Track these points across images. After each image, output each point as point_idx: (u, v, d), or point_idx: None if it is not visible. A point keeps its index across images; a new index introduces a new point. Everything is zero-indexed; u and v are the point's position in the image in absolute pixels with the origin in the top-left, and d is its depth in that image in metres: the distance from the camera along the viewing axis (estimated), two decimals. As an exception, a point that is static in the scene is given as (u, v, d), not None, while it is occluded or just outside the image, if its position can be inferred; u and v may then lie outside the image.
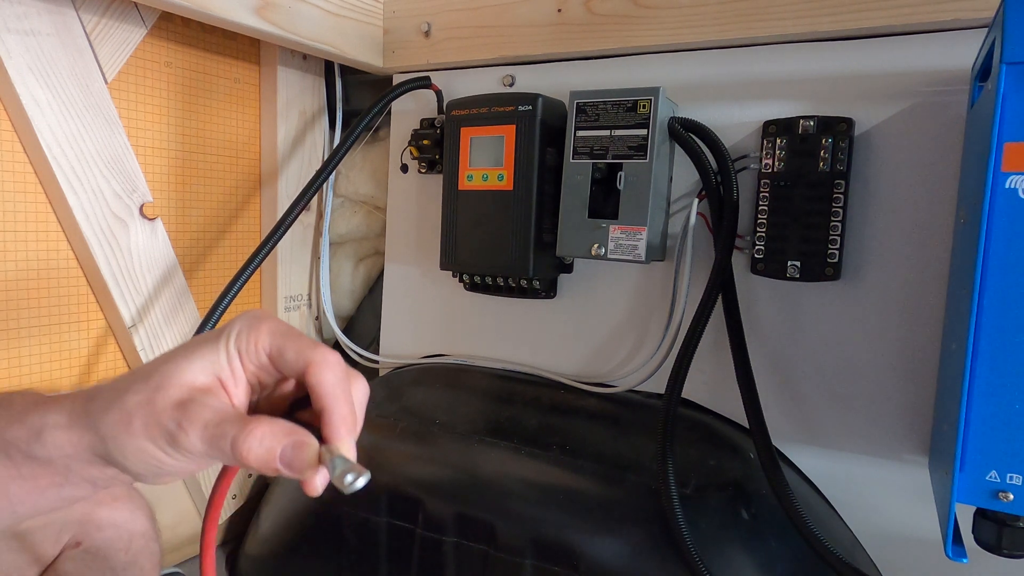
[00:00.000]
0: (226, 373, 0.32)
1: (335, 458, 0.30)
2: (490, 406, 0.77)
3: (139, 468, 0.31)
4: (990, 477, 0.43)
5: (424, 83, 0.84)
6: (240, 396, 0.33)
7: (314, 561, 0.75)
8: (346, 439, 0.31)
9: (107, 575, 0.51)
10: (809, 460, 0.68)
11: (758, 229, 0.65)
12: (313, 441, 0.31)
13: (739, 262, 0.68)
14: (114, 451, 0.31)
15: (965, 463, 0.43)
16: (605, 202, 0.69)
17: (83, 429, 0.31)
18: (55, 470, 0.32)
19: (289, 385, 0.35)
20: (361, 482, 0.30)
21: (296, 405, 0.34)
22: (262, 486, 0.96)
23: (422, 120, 0.86)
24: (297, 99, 0.92)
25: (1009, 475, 0.42)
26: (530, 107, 0.72)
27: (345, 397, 0.32)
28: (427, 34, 0.85)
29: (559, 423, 0.73)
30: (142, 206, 0.77)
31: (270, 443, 0.30)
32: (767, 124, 0.66)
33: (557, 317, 0.81)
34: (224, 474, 0.35)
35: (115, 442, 0.30)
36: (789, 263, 0.64)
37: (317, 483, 0.31)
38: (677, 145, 0.69)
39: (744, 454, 0.67)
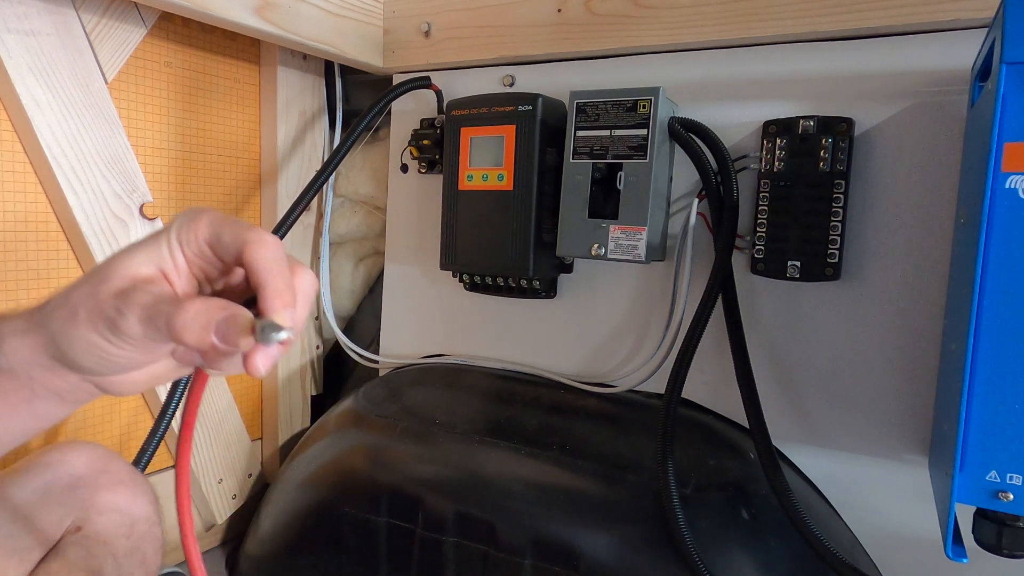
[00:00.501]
0: (168, 265, 0.33)
1: (265, 323, 0.30)
2: (490, 406, 0.77)
3: (88, 362, 0.32)
4: (990, 477, 0.43)
5: (424, 83, 0.84)
6: (183, 286, 0.34)
7: (314, 561, 0.75)
8: (280, 311, 0.31)
9: (108, 561, 0.50)
10: (809, 460, 0.68)
11: (758, 229, 0.65)
12: (247, 313, 0.31)
13: (739, 262, 0.68)
14: (63, 346, 0.32)
15: (965, 463, 0.43)
16: (605, 202, 0.69)
17: (37, 330, 0.32)
18: (20, 382, 0.33)
19: (237, 277, 0.35)
20: (283, 335, 0.30)
21: (250, 305, 0.33)
22: (262, 486, 0.96)
23: (422, 120, 0.86)
24: (297, 99, 0.92)
25: (1009, 475, 0.42)
26: (530, 107, 0.72)
27: (280, 272, 0.32)
28: (427, 34, 0.85)
29: (559, 423, 0.73)
30: (142, 206, 0.77)
31: (204, 318, 0.30)
32: (767, 124, 0.66)
33: (557, 317, 0.81)
34: (192, 388, 0.35)
35: (63, 336, 0.31)
36: (789, 263, 0.64)
37: (257, 360, 0.31)
38: (677, 145, 0.69)
39: (744, 454, 0.67)
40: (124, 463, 0.56)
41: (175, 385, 0.70)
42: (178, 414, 0.82)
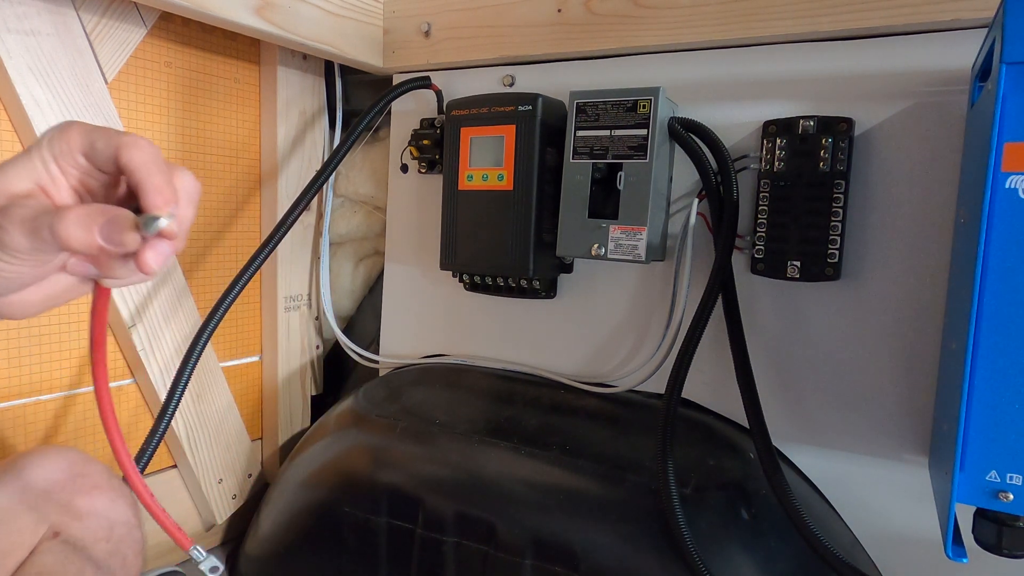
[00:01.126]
0: (45, 179, 0.33)
1: (147, 217, 0.31)
2: (490, 406, 0.77)
3: None
4: (990, 477, 0.43)
5: (424, 83, 0.84)
6: (63, 198, 0.34)
7: (314, 561, 0.75)
8: (161, 207, 0.31)
9: (87, 566, 0.50)
10: (809, 460, 0.68)
11: (758, 229, 0.65)
12: (128, 212, 0.32)
13: (739, 262, 0.68)
14: None
15: (965, 463, 0.43)
16: (605, 202, 0.69)
17: None
18: None
19: (121, 192, 0.35)
20: (163, 222, 0.31)
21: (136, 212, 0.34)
22: (262, 486, 0.96)
23: (422, 120, 0.86)
24: (297, 99, 0.92)
25: (1009, 475, 0.42)
26: (530, 107, 0.72)
27: (158, 170, 0.32)
28: (427, 34, 0.85)
29: (559, 423, 0.73)
30: (142, 206, 0.77)
31: (87, 221, 0.31)
32: (767, 124, 0.66)
33: (557, 317, 0.81)
34: (95, 305, 0.36)
35: None
36: (789, 263, 0.64)
37: (148, 256, 0.32)
38: (677, 145, 0.69)
39: (744, 454, 0.67)
40: (102, 467, 0.55)
41: (175, 384, 0.70)
42: (178, 414, 0.82)
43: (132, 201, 0.33)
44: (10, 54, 0.64)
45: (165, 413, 0.69)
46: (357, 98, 0.98)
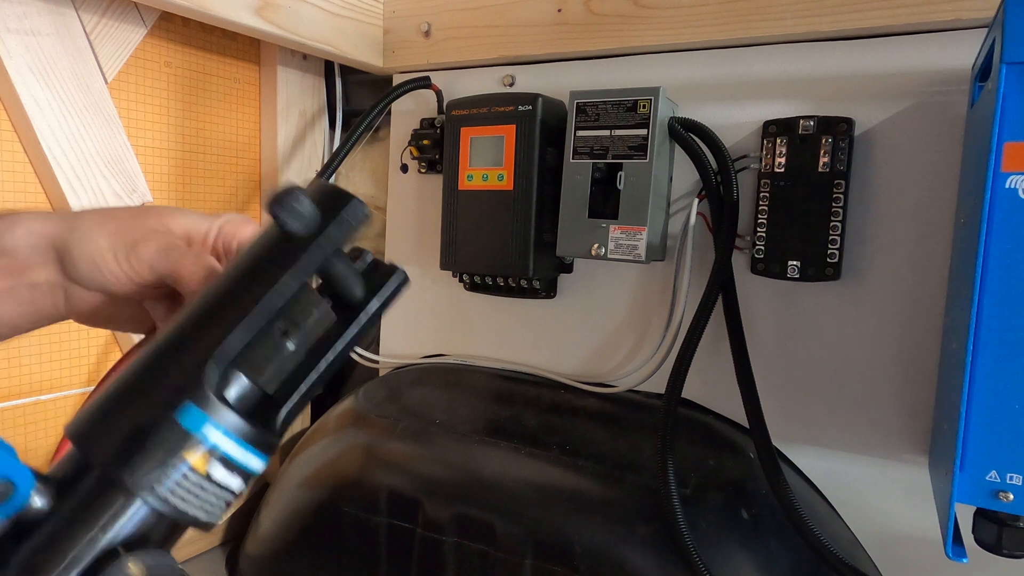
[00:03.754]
0: (199, 238, 0.37)
1: None
2: (490, 406, 0.77)
3: (83, 269, 0.34)
4: (990, 477, 0.43)
5: (424, 83, 0.84)
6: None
7: (314, 561, 0.75)
8: None
9: None
10: (809, 460, 0.68)
11: (758, 229, 0.65)
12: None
13: (739, 262, 0.68)
14: (73, 244, 0.34)
15: (965, 463, 0.43)
16: (605, 202, 0.69)
17: (57, 222, 0.35)
18: (11, 264, 0.34)
19: None
20: None
21: None
22: (262, 486, 0.96)
23: (422, 120, 0.86)
24: (297, 99, 0.92)
25: (1009, 475, 0.42)
26: (530, 107, 0.72)
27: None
28: (427, 34, 0.85)
29: (559, 423, 0.73)
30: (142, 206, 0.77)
31: (208, 265, 0.34)
32: (767, 124, 0.66)
33: (557, 317, 0.81)
34: (131, 351, 0.37)
35: (80, 233, 0.34)
36: (789, 263, 0.64)
37: None
38: (677, 145, 0.69)
39: (744, 454, 0.67)
40: None
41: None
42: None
43: None
44: (10, 54, 0.64)
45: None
46: (357, 98, 0.98)
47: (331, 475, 0.77)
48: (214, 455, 0.28)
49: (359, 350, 0.93)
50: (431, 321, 0.90)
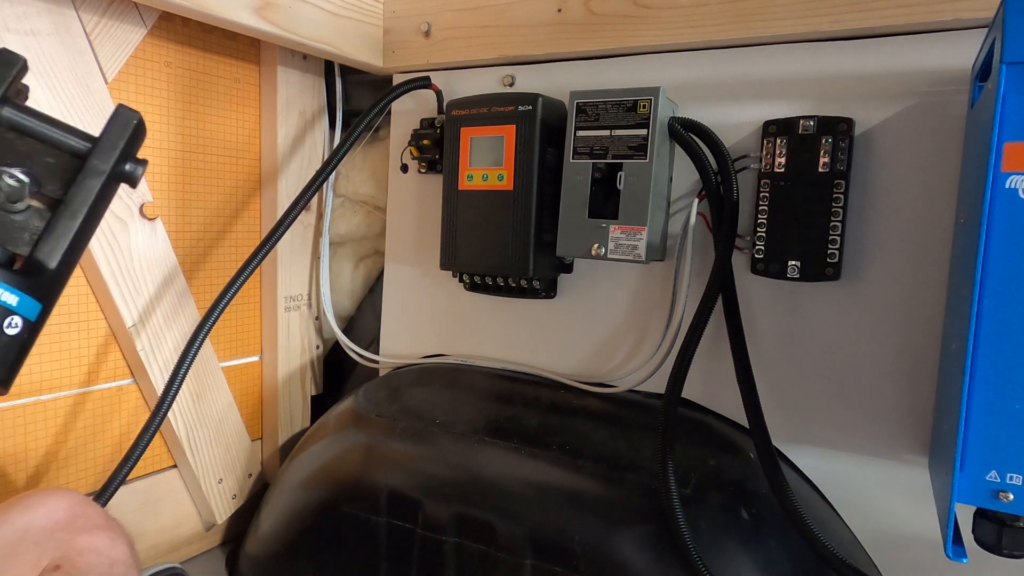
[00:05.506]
0: None
1: None
2: (490, 406, 0.77)
3: None
4: (990, 477, 0.43)
5: (424, 83, 0.84)
6: None
7: (314, 561, 0.75)
8: None
9: None
10: (809, 460, 0.68)
11: (758, 229, 0.65)
12: None
13: (739, 262, 0.68)
14: None
15: (965, 463, 0.43)
16: (605, 202, 0.69)
17: None
18: None
19: None
20: None
21: None
22: (262, 486, 0.96)
23: (422, 120, 0.86)
24: (297, 99, 0.92)
25: (1009, 475, 0.42)
26: (530, 107, 0.72)
27: None
28: (427, 34, 0.85)
29: (559, 423, 0.73)
30: (142, 206, 0.77)
31: None
32: (767, 124, 0.66)
33: (557, 317, 0.81)
34: None
35: None
36: (789, 263, 0.64)
37: None
38: (677, 145, 0.69)
39: (744, 454, 0.67)
40: (101, 509, 0.57)
41: (172, 381, 0.69)
42: (178, 414, 0.82)
43: None
44: (10, 54, 0.64)
45: (160, 409, 0.69)
46: (357, 98, 0.98)
47: (331, 475, 0.77)
48: None
49: (359, 350, 0.94)
50: (431, 321, 0.90)
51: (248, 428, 0.94)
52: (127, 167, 0.40)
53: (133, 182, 0.41)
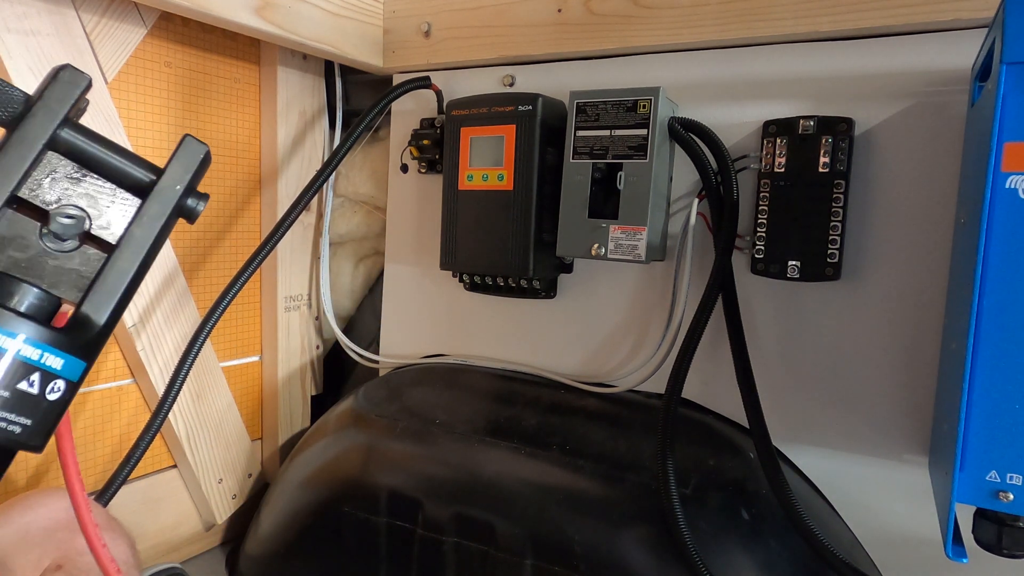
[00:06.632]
0: None
1: None
2: (490, 406, 0.77)
3: None
4: (990, 477, 0.43)
5: (424, 83, 0.84)
6: None
7: (314, 561, 0.75)
8: None
9: None
10: (809, 460, 0.68)
11: (758, 229, 0.65)
12: None
13: (739, 262, 0.68)
14: None
15: (965, 463, 0.43)
16: (605, 202, 0.69)
17: None
18: None
19: None
20: None
21: None
22: (262, 486, 0.96)
23: (422, 120, 0.86)
24: (297, 99, 0.92)
25: (1009, 475, 0.42)
26: (530, 107, 0.72)
27: None
28: (427, 34, 0.85)
29: (559, 423, 0.73)
30: (142, 206, 0.77)
31: None
32: (767, 124, 0.66)
33: (557, 317, 0.81)
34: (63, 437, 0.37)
35: None
36: (789, 263, 0.64)
37: None
38: (677, 145, 0.69)
39: (744, 454, 0.67)
40: (101, 509, 0.57)
41: (173, 382, 0.70)
42: (179, 414, 0.82)
43: None
44: (10, 54, 0.64)
45: (161, 409, 0.69)
46: (357, 98, 0.98)
47: (331, 475, 0.77)
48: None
49: (359, 350, 0.94)
50: (431, 321, 0.90)
51: (248, 428, 0.94)
52: (189, 201, 0.36)
53: (192, 218, 0.37)
